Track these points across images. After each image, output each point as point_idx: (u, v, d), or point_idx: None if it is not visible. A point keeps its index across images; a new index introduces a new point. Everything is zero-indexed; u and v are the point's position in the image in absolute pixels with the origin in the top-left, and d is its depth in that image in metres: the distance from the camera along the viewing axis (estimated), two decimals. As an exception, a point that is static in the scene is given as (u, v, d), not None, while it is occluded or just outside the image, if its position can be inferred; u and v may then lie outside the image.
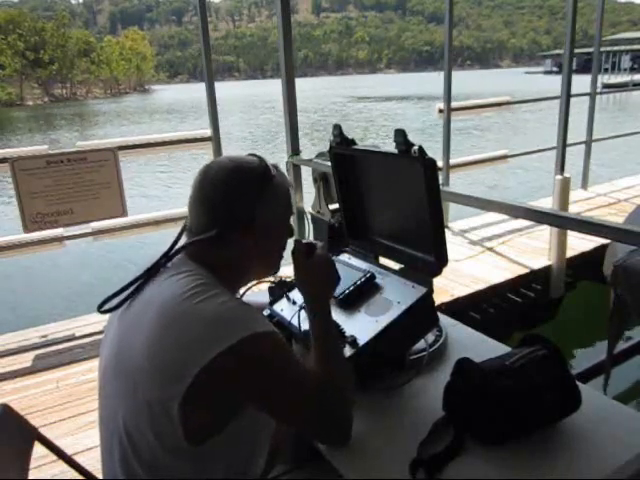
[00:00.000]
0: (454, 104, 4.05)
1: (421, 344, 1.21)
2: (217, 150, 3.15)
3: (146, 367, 0.84)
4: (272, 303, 1.32)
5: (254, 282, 1.24)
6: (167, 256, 0.97)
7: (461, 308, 3.11)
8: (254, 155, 1.03)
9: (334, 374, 0.95)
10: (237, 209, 0.96)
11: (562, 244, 3.56)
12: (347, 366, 1.00)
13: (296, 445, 1.26)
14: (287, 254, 1.09)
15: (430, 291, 1.13)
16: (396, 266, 1.28)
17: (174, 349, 0.84)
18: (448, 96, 3.81)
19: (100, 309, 0.96)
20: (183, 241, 1.00)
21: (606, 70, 29.59)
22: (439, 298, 3.03)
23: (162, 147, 3.30)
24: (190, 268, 0.94)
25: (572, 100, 3.48)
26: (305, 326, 1.15)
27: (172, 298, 0.88)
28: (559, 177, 3.59)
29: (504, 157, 4.78)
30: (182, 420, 0.81)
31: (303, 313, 1.19)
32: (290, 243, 1.11)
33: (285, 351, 0.90)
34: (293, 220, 2.88)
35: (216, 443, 0.87)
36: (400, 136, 1.07)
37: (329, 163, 1.43)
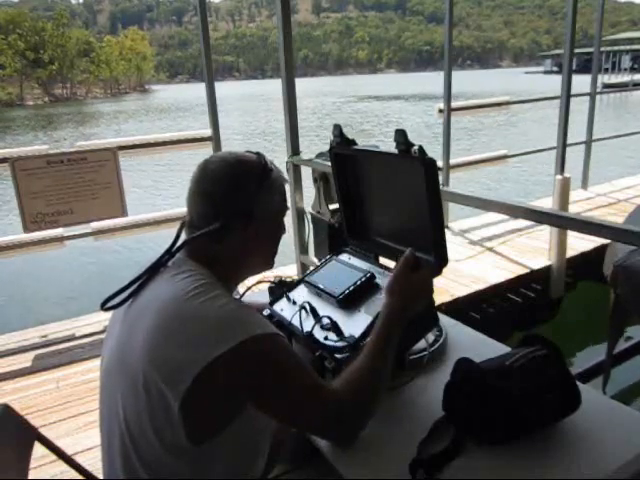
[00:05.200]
0: (455, 104, 4.05)
1: (421, 344, 1.21)
2: (217, 150, 3.16)
3: (147, 367, 0.84)
4: (272, 303, 1.32)
5: (254, 282, 1.24)
6: (170, 253, 0.97)
7: (461, 308, 3.11)
8: (250, 152, 1.04)
9: (368, 389, 0.94)
10: (240, 201, 0.96)
11: (562, 244, 3.56)
12: (385, 383, 0.99)
13: (296, 445, 1.26)
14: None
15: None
16: (396, 266, 1.28)
17: (175, 349, 0.84)
18: (448, 96, 3.82)
19: (103, 307, 0.96)
20: (183, 237, 0.99)
21: (606, 70, 29.58)
22: (439, 298, 3.03)
23: (162, 147, 3.30)
24: (191, 267, 0.94)
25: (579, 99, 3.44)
26: (306, 326, 1.15)
27: (173, 299, 0.88)
28: (559, 177, 3.59)
29: (504, 157, 4.78)
30: (183, 419, 0.81)
31: (303, 313, 1.19)
32: (284, 239, 1.11)
33: (287, 352, 0.90)
34: (293, 220, 2.88)
35: (216, 443, 0.87)
36: (400, 136, 1.07)
37: (329, 163, 1.43)
